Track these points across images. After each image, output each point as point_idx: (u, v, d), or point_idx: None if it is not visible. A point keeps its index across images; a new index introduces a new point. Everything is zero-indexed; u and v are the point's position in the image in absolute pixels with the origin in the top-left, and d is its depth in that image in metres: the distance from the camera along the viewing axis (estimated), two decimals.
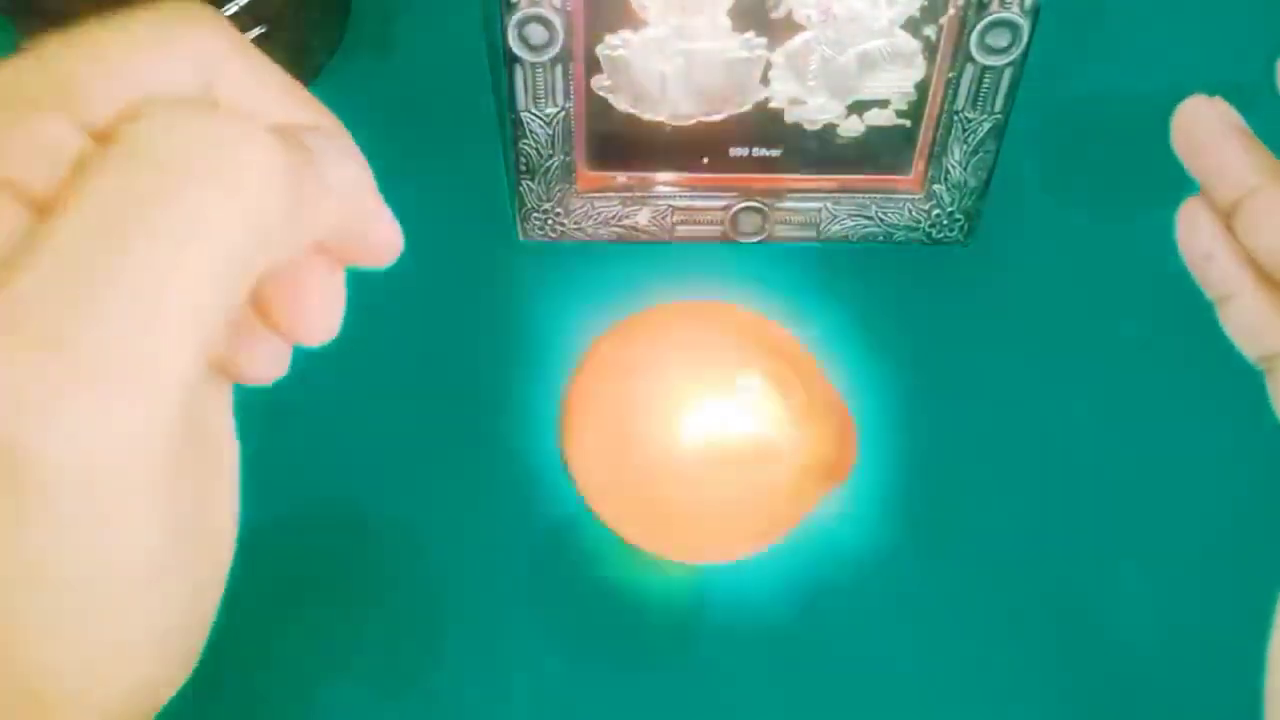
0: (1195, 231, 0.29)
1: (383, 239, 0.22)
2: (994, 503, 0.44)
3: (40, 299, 0.16)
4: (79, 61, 0.18)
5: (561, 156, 0.44)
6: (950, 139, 0.44)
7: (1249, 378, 0.30)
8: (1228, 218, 0.28)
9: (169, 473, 0.17)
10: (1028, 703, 0.42)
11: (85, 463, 0.16)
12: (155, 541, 0.17)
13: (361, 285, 0.51)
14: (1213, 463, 0.44)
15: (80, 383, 0.16)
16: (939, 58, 0.42)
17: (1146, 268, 0.31)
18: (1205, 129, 0.28)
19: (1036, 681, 0.42)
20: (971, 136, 0.44)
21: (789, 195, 0.46)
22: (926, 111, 0.44)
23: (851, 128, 0.44)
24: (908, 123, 0.44)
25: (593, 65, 0.42)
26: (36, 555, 0.16)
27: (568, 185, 0.45)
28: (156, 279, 0.16)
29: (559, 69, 0.41)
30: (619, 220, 0.46)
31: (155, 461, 0.17)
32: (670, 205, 0.46)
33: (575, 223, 0.46)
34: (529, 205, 0.45)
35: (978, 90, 0.42)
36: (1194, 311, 0.30)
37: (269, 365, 0.22)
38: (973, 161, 0.44)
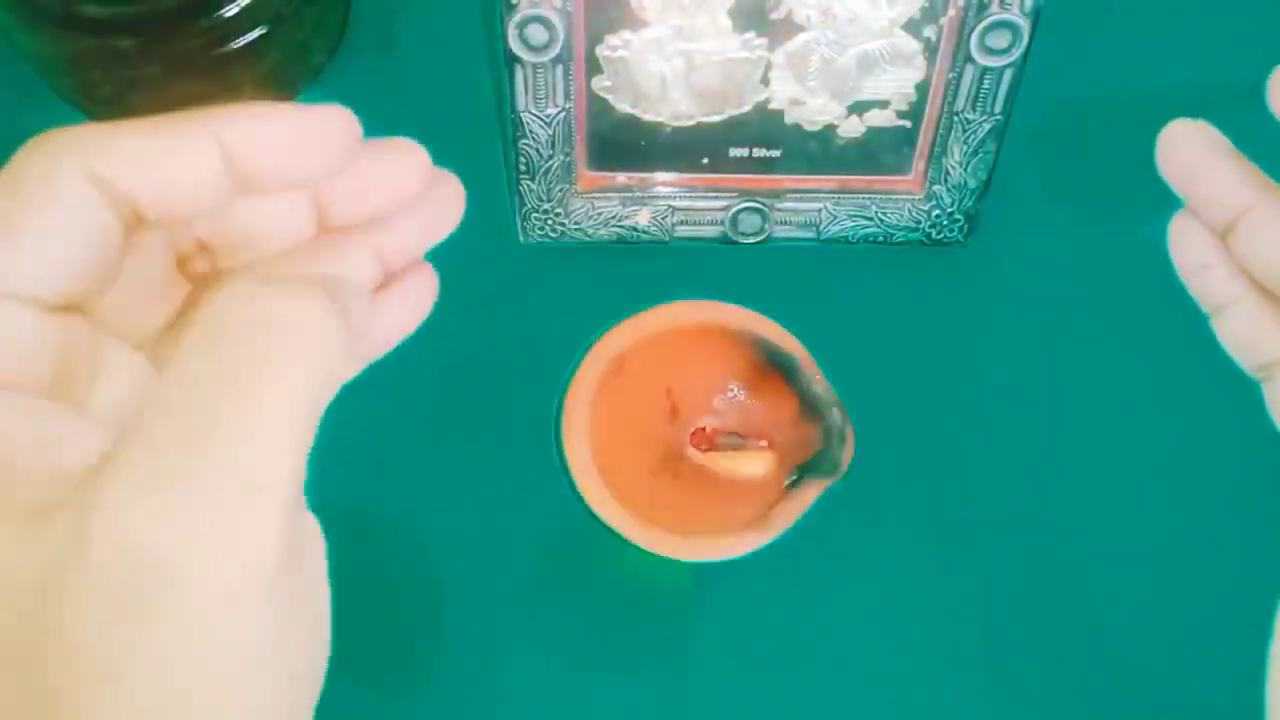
0: (1189, 244, 0.29)
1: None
2: (991, 503, 0.44)
3: (171, 441, 0.19)
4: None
5: (561, 157, 0.44)
6: (950, 139, 0.44)
7: (1249, 378, 0.30)
8: (1221, 236, 0.28)
9: (276, 579, 0.20)
10: (1026, 704, 0.42)
11: (217, 573, 0.19)
12: (260, 637, 0.20)
13: None
14: (1213, 464, 0.44)
15: (215, 509, 0.19)
16: (939, 58, 0.42)
17: (1146, 268, 0.31)
18: (1192, 152, 0.28)
19: (1035, 683, 0.42)
20: (971, 137, 0.44)
21: (789, 195, 0.46)
22: (926, 112, 0.44)
23: (851, 128, 0.44)
24: (908, 123, 0.44)
25: (593, 66, 0.42)
26: (158, 651, 0.19)
27: (568, 185, 0.45)
28: (259, 427, 0.20)
29: (559, 69, 0.41)
30: (619, 220, 0.46)
31: (268, 571, 0.20)
32: (670, 205, 0.46)
33: (575, 223, 0.46)
34: (529, 205, 0.45)
35: (978, 91, 0.42)
36: (1194, 312, 0.30)
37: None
38: (973, 162, 0.44)
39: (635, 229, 0.46)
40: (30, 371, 0.21)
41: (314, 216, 0.26)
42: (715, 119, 0.44)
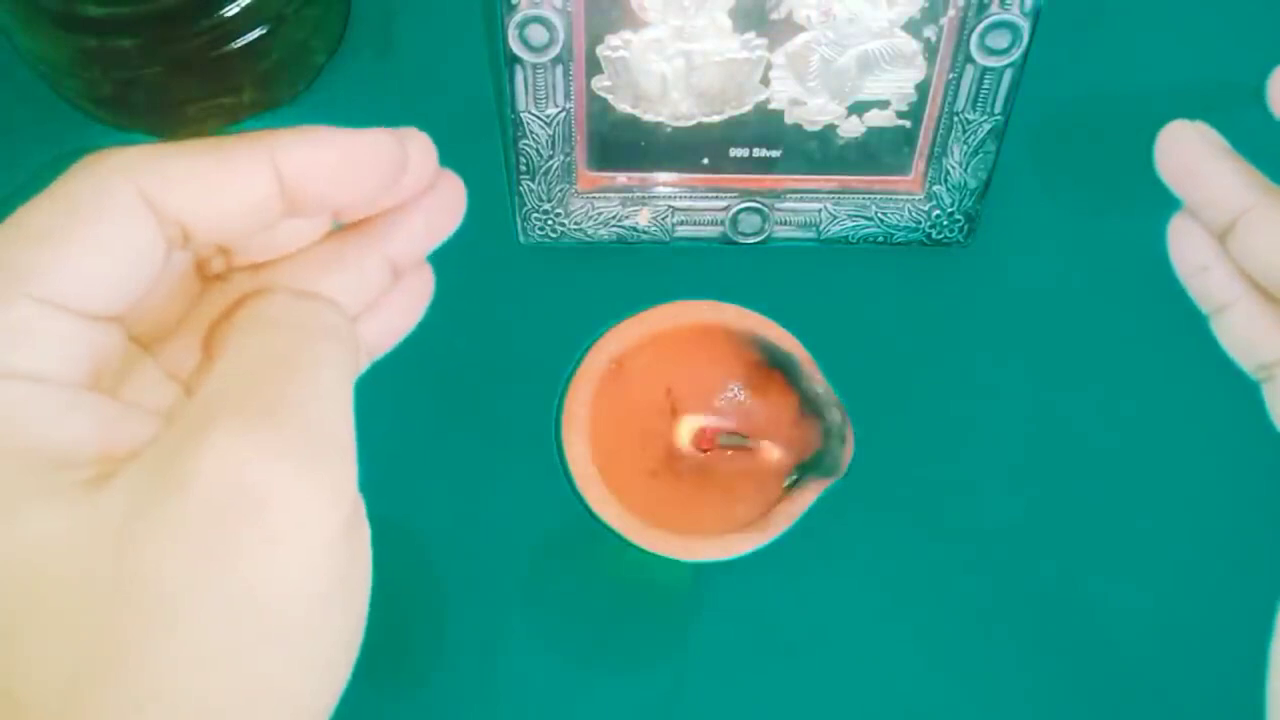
0: (1188, 245, 0.29)
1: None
2: (991, 503, 0.44)
3: (249, 399, 0.22)
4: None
5: (562, 157, 0.44)
6: (950, 140, 0.44)
7: (1249, 378, 0.30)
8: (1220, 238, 0.28)
9: (347, 527, 0.22)
10: (1026, 704, 0.42)
11: (315, 503, 0.21)
12: (336, 571, 0.22)
13: None
14: (1213, 464, 0.44)
15: (309, 451, 0.21)
16: (939, 59, 0.42)
17: (1146, 268, 0.31)
18: (1191, 153, 0.28)
19: (1035, 683, 0.42)
20: (971, 137, 0.44)
21: (789, 196, 0.46)
22: (926, 112, 0.44)
23: (851, 128, 0.44)
24: (908, 123, 0.44)
25: (593, 66, 0.42)
26: (250, 577, 0.20)
27: (568, 185, 0.45)
28: (323, 394, 0.22)
29: (559, 69, 0.41)
30: (619, 220, 0.46)
31: (347, 511, 0.22)
32: (670, 205, 0.46)
33: (575, 223, 0.46)
34: (529, 205, 0.45)
35: (978, 91, 0.42)
36: (1193, 312, 0.30)
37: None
38: (973, 162, 0.44)
39: (635, 229, 0.46)
40: (73, 374, 0.22)
41: (330, 215, 0.26)
42: (715, 119, 0.44)
